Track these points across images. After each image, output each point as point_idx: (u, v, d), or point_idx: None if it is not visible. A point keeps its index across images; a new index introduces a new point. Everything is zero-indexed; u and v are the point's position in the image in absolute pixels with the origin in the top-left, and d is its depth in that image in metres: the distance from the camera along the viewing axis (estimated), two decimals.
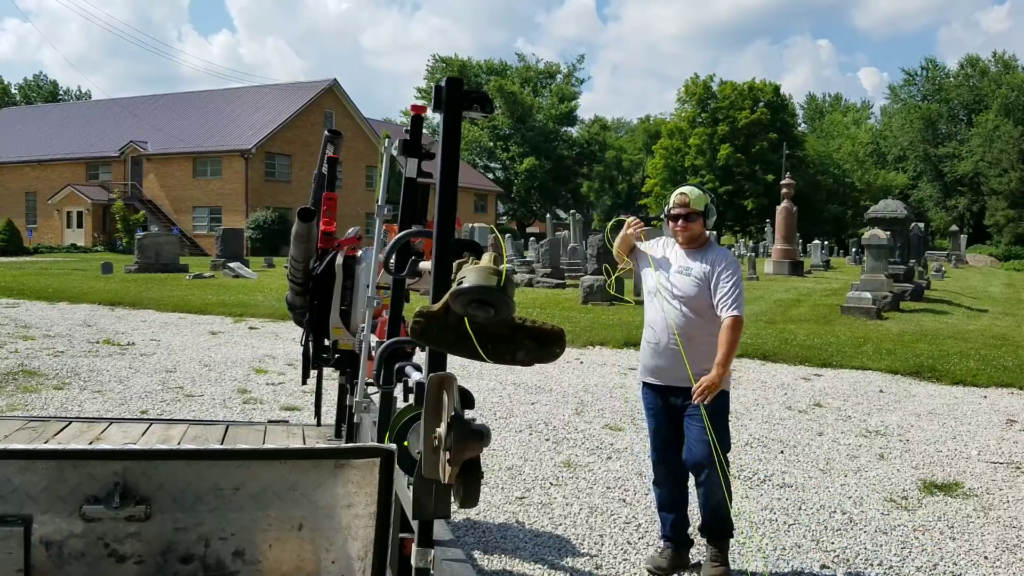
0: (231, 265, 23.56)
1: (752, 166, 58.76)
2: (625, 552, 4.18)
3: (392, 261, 2.87)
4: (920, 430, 6.84)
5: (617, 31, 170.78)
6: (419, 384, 2.04)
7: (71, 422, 3.90)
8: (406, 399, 2.41)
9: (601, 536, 4.37)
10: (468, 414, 1.83)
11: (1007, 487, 5.40)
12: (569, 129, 71.95)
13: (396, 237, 2.88)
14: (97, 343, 10.60)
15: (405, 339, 2.72)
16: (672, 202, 3.94)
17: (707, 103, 62.99)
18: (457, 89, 1.98)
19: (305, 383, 4.12)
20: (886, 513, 4.82)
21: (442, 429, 1.75)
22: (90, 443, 3.50)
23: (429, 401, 1.77)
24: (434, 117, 2.03)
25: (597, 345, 11.06)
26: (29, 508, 1.73)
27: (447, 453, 1.75)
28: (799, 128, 69.17)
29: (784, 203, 26.27)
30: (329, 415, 4.35)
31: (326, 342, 3.86)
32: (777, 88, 62.67)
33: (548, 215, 42.74)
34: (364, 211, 42.51)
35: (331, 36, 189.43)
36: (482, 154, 68.82)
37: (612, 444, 6.15)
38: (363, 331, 3.26)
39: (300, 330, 3.98)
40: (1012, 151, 53.54)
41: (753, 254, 27.81)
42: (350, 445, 3.17)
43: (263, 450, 1.91)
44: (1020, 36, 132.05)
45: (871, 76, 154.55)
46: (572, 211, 34.01)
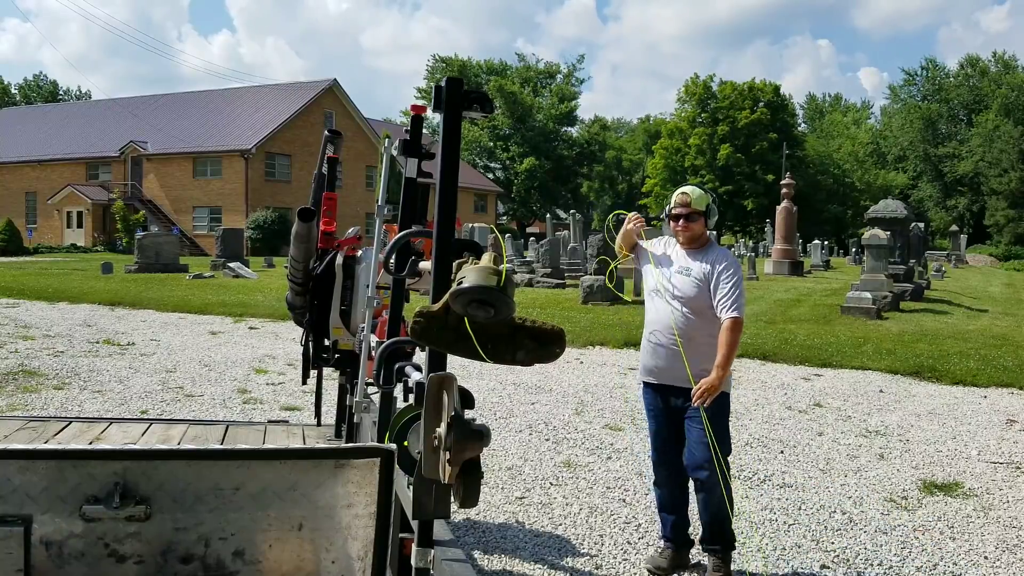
0: (231, 265, 23.56)
1: (752, 166, 58.76)
2: (625, 552, 4.18)
3: (392, 261, 2.87)
4: (920, 430, 6.85)
5: (617, 31, 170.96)
6: (419, 384, 2.04)
7: (71, 422, 3.90)
8: (406, 399, 2.41)
9: (601, 536, 4.37)
10: (468, 414, 1.83)
11: (1007, 487, 5.40)
12: (569, 129, 71.98)
13: (396, 237, 2.88)
14: (97, 343, 10.60)
15: (405, 339, 2.72)
16: (673, 202, 3.90)
17: (707, 103, 62.99)
18: (457, 89, 1.98)
19: (305, 383, 4.12)
20: (886, 513, 4.82)
21: (442, 429, 1.75)
22: (90, 443, 3.50)
23: (429, 401, 1.77)
24: (434, 117, 2.03)
25: (597, 345, 11.06)
26: (29, 508, 1.73)
27: (447, 453, 1.75)
28: (799, 128, 69.17)
29: (784, 203, 26.28)
30: (329, 415, 4.35)
31: (326, 342, 3.86)
32: (777, 88, 62.69)
33: (548, 215, 42.73)
34: (364, 211, 42.52)
35: (331, 36, 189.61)
36: (482, 154, 68.82)
37: (612, 444, 6.15)
38: (363, 331, 3.26)
39: (300, 330, 3.99)
40: (1012, 151, 53.54)
41: (753, 254, 27.81)
42: (350, 445, 3.17)
43: (263, 450, 1.91)
44: (1020, 36, 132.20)
45: (871, 76, 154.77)
46: (572, 211, 34.01)
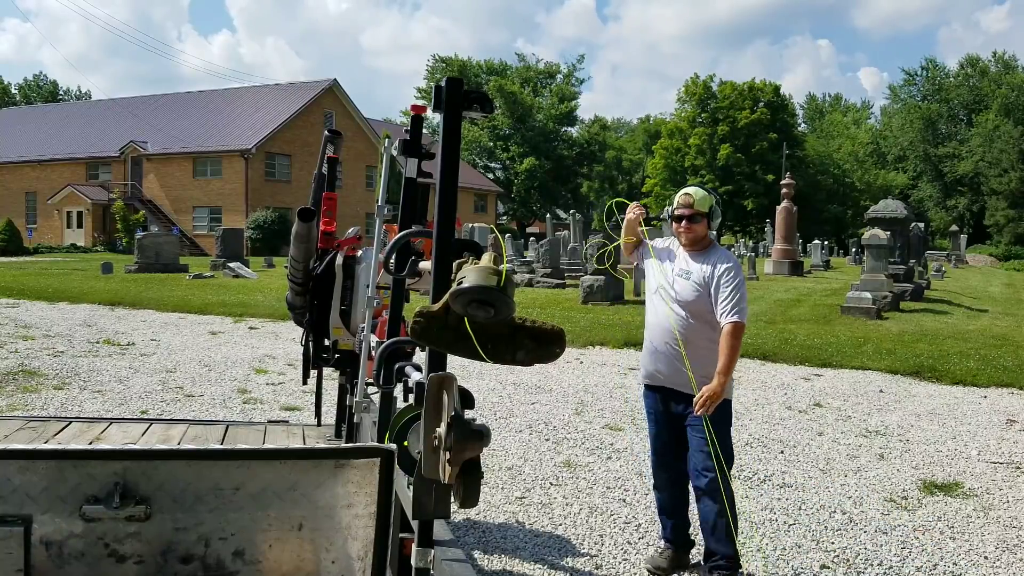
0: (231, 265, 23.56)
1: (752, 166, 58.77)
2: (625, 552, 4.18)
3: (392, 261, 2.87)
4: (920, 430, 6.84)
5: (617, 31, 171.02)
6: (419, 384, 2.04)
7: (71, 422, 3.90)
8: (406, 399, 2.41)
9: (601, 536, 4.37)
10: (468, 414, 1.83)
11: (1007, 487, 5.40)
12: (569, 129, 71.98)
13: (396, 237, 2.88)
14: (97, 343, 10.60)
15: (405, 339, 2.72)
16: (676, 202, 3.83)
17: (707, 103, 62.99)
18: (457, 89, 1.98)
19: (305, 383, 4.12)
20: (886, 513, 4.82)
21: (442, 429, 1.75)
22: (90, 443, 3.50)
23: (429, 401, 1.77)
24: (434, 117, 2.02)
25: (597, 345, 11.06)
26: (29, 508, 1.73)
27: (447, 453, 1.75)
28: (799, 128, 69.18)
29: (784, 203, 26.29)
30: (329, 415, 4.35)
31: (326, 342, 3.86)
32: (777, 88, 62.70)
33: (548, 215, 42.71)
34: (364, 211, 42.51)
35: (331, 36, 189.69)
36: (482, 154, 68.81)
37: (612, 444, 6.15)
38: (363, 331, 3.25)
39: (300, 330, 3.99)
40: (1012, 151, 53.55)
41: (753, 254, 27.82)
42: (350, 445, 3.17)
43: (263, 450, 1.91)
44: (1020, 36, 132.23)
45: (871, 76, 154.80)
46: (572, 211, 33.97)
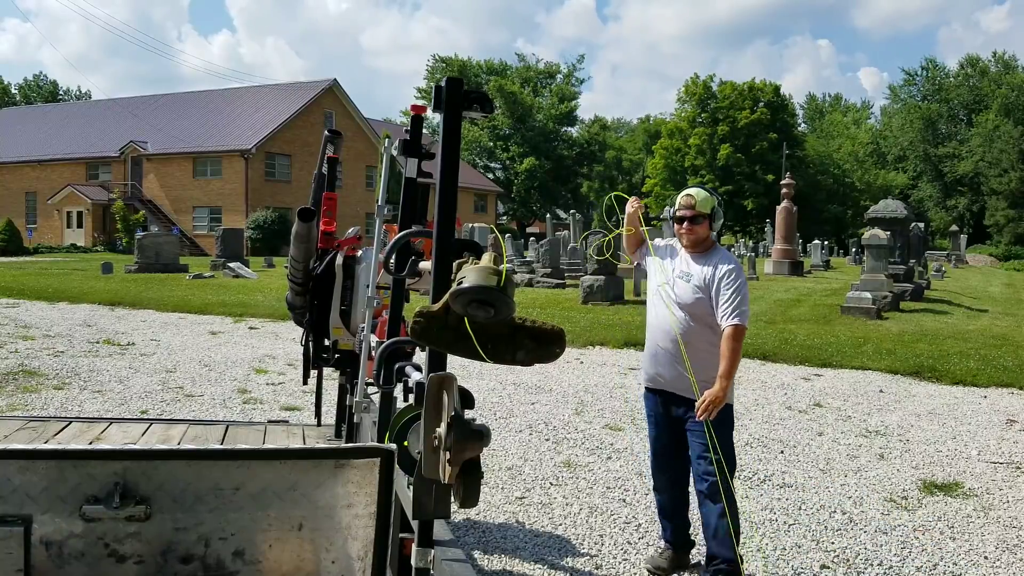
0: (231, 265, 23.56)
1: (752, 166, 58.76)
2: (625, 552, 4.18)
3: (392, 261, 2.87)
4: (920, 430, 6.84)
5: (617, 31, 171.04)
6: (419, 384, 2.04)
7: (71, 422, 3.90)
8: (406, 399, 2.41)
9: (601, 536, 4.37)
10: (468, 414, 1.83)
11: (1007, 487, 5.40)
12: (569, 129, 71.95)
13: (396, 237, 2.88)
14: (97, 343, 10.60)
15: (405, 339, 2.72)
16: (678, 203, 3.79)
17: (707, 103, 62.98)
18: (457, 89, 1.98)
19: (306, 383, 4.12)
20: (886, 513, 4.82)
21: (442, 429, 1.75)
22: (90, 443, 3.50)
23: (429, 401, 1.77)
24: (434, 117, 2.02)
25: (597, 345, 11.06)
26: (29, 508, 1.73)
27: (447, 453, 1.75)
28: (799, 128, 69.17)
29: (784, 203, 26.29)
30: (329, 415, 4.35)
31: (326, 342, 3.86)
32: (777, 88, 62.69)
33: (548, 215, 42.71)
34: (364, 211, 42.50)
35: (331, 36, 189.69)
36: (482, 154, 68.80)
37: (612, 444, 6.15)
38: (363, 331, 3.25)
39: (300, 330, 3.99)
40: (1012, 151, 53.55)
41: (753, 254, 27.83)
42: (350, 445, 3.17)
43: (263, 450, 1.91)
44: (1020, 36, 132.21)
45: (871, 76, 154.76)
46: (572, 211, 34.00)
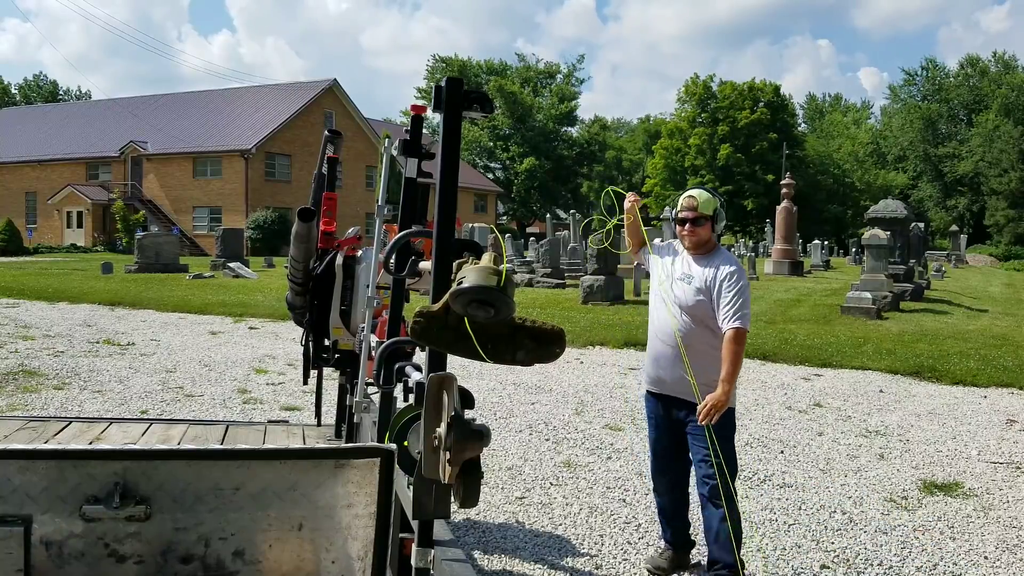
0: (231, 265, 23.55)
1: (752, 166, 58.77)
2: (625, 552, 4.18)
3: (392, 261, 2.87)
4: (920, 430, 6.84)
5: (617, 31, 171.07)
6: (419, 384, 2.04)
7: (71, 422, 3.90)
8: (406, 399, 2.41)
9: (601, 536, 4.37)
10: (468, 414, 1.83)
11: (1007, 487, 5.40)
12: (569, 129, 71.94)
13: (396, 237, 2.88)
14: (97, 343, 10.60)
15: (405, 339, 2.72)
16: (680, 204, 3.74)
17: (707, 103, 63.00)
18: (457, 89, 1.98)
19: (306, 383, 4.12)
20: (886, 513, 4.82)
21: (442, 429, 1.75)
22: (90, 443, 3.50)
23: (429, 401, 1.77)
24: (434, 117, 2.03)
25: (597, 345, 11.06)
26: (29, 508, 1.73)
27: (447, 453, 1.75)
28: (799, 128, 69.17)
29: (784, 203, 26.29)
30: (329, 415, 4.35)
31: (326, 342, 3.86)
32: (777, 88, 62.70)
33: (548, 215, 42.70)
34: (364, 211, 42.51)
35: (331, 36, 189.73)
36: (482, 154, 68.80)
37: (612, 444, 6.15)
38: (363, 331, 3.25)
39: (300, 330, 3.99)
40: (1012, 151, 53.55)
41: (753, 254, 27.83)
42: (350, 445, 3.17)
43: (263, 450, 1.91)
44: (1020, 36, 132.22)
45: (871, 76, 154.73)
46: (572, 211, 33.99)
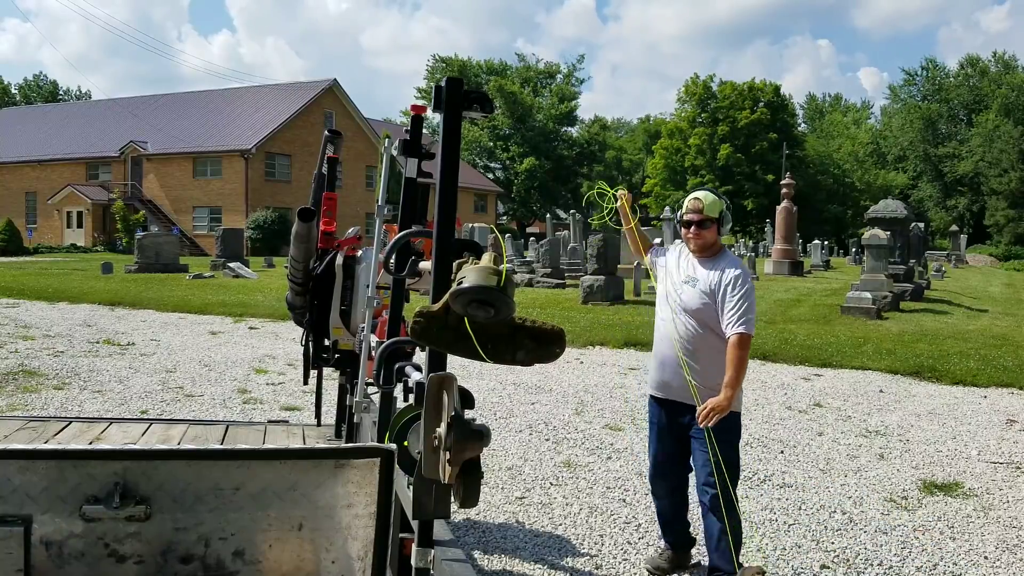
0: (231, 265, 23.55)
1: (752, 166, 58.77)
2: (625, 552, 4.18)
3: (392, 261, 2.87)
4: (920, 430, 6.84)
5: (617, 31, 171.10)
6: (419, 384, 2.04)
7: (71, 422, 3.90)
8: (406, 399, 2.41)
9: (601, 536, 4.37)
10: (468, 414, 1.83)
11: (1007, 487, 5.41)
12: (569, 129, 71.88)
13: (396, 237, 2.88)
14: (97, 343, 10.60)
15: (405, 339, 2.72)
16: (685, 207, 3.71)
17: (707, 103, 63.00)
18: (457, 89, 1.98)
19: (306, 383, 4.12)
20: (886, 513, 4.82)
21: (442, 429, 1.75)
22: (90, 443, 3.50)
23: (429, 401, 1.77)
24: (434, 117, 2.02)
25: (597, 345, 11.05)
26: (29, 508, 1.73)
27: (447, 453, 1.75)
28: (799, 128, 69.16)
29: (784, 203, 26.28)
30: (329, 415, 4.35)
31: (326, 342, 3.86)
32: (777, 88, 62.71)
33: (548, 215, 42.72)
34: (364, 211, 42.51)
35: (331, 36, 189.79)
36: (482, 154, 68.78)
37: (612, 444, 6.15)
38: (363, 331, 3.25)
39: (300, 330, 3.99)
40: (1012, 151, 53.55)
41: (753, 254, 27.85)
42: (350, 445, 3.17)
43: (263, 450, 1.91)
44: (1020, 36, 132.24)
45: (871, 76, 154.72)
46: (572, 211, 33.99)
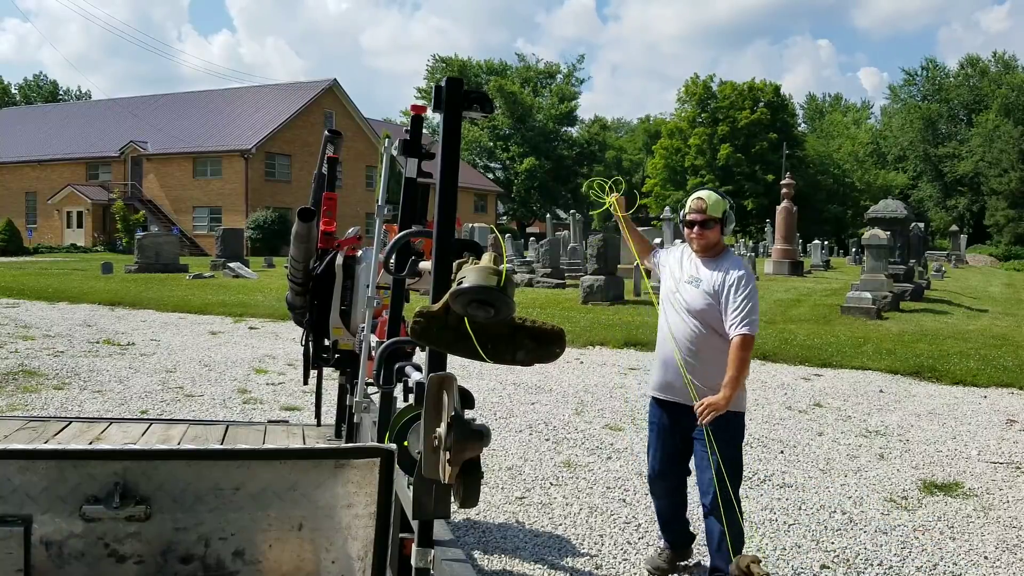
0: (231, 265, 23.55)
1: (752, 166, 58.77)
2: (625, 552, 4.18)
3: (392, 261, 2.87)
4: (920, 430, 6.84)
5: (617, 31, 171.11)
6: (419, 384, 2.04)
7: (71, 422, 3.90)
8: (406, 399, 2.41)
9: (601, 536, 4.37)
10: (468, 414, 1.83)
11: (1007, 487, 5.41)
12: (569, 129, 71.86)
13: (396, 237, 2.88)
14: (97, 343, 10.60)
15: (405, 339, 2.72)
16: (688, 207, 3.69)
17: (707, 103, 62.99)
18: (457, 89, 1.98)
19: (306, 383, 4.12)
20: (886, 513, 4.82)
21: (442, 429, 1.75)
22: (90, 443, 3.50)
23: (429, 401, 1.76)
24: (434, 117, 2.02)
25: (597, 345, 11.05)
26: (29, 508, 1.73)
27: (447, 453, 1.75)
28: (799, 128, 69.15)
29: (784, 203, 26.27)
30: (329, 415, 4.35)
31: (326, 342, 3.86)
32: (777, 88, 62.70)
33: (548, 215, 42.71)
34: (364, 211, 42.51)
35: (331, 36, 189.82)
36: (482, 154, 68.78)
37: (612, 444, 6.15)
38: (363, 331, 3.25)
39: (300, 330, 3.99)
40: (1012, 151, 53.56)
41: (753, 254, 27.85)
42: (350, 445, 3.17)
43: (263, 450, 1.91)
44: (1020, 36, 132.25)
45: (871, 76, 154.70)
46: (572, 211, 33.98)
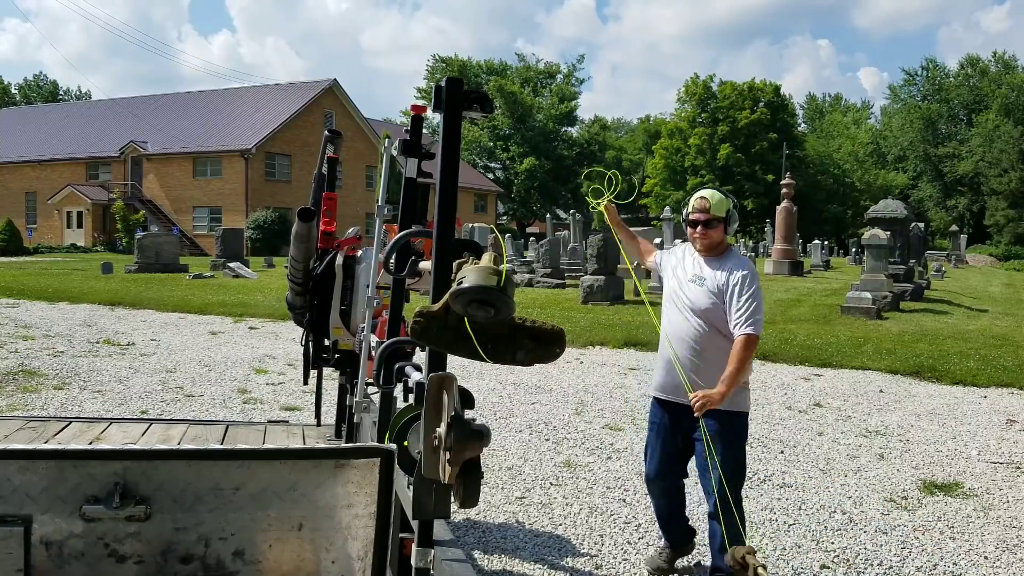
0: (231, 265, 23.55)
1: (752, 166, 58.77)
2: (625, 552, 4.18)
3: (392, 261, 2.87)
4: (920, 430, 6.85)
5: (617, 31, 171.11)
6: (419, 384, 2.04)
7: (71, 422, 3.90)
8: (406, 399, 2.41)
9: (601, 536, 4.37)
10: (468, 414, 1.83)
11: (1007, 487, 5.41)
12: (569, 129, 71.90)
13: (396, 237, 2.88)
14: (97, 343, 10.60)
15: (405, 339, 2.72)
16: (691, 206, 3.67)
17: (707, 103, 62.97)
18: (457, 89, 1.98)
19: (306, 383, 4.12)
20: (886, 513, 4.82)
21: (442, 429, 1.75)
22: (90, 443, 3.50)
23: (429, 401, 1.77)
24: (434, 117, 2.02)
25: (597, 345, 11.06)
26: (29, 508, 1.73)
27: (447, 453, 1.75)
28: (799, 128, 69.14)
29: (784, 203, 26.26)
30: (329, 415, 4.36)
31: (326, 342, 3.86)
32: (777, 88, 62.68)
33: (548, 215, 42.72)
34: (364, 211, 42.52)
35: (331, 36, 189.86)
36: (482, 154, 68.79)
37: (612, 444, 6.15)
38: (363, 331, 3.25)
39: (300, 330, 3.99)
40: (1012, 151, 53.57)
41: (753, 254, 27.84)
42: (350, 445, 3.17)
43: (263, 450, 1.91)
44: (1020, 36, 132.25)
45: (871, 76, 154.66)
46: (572, 211, 33.97)
